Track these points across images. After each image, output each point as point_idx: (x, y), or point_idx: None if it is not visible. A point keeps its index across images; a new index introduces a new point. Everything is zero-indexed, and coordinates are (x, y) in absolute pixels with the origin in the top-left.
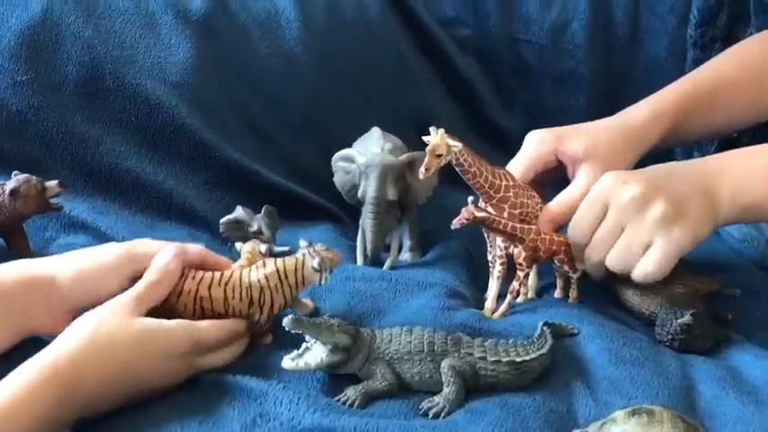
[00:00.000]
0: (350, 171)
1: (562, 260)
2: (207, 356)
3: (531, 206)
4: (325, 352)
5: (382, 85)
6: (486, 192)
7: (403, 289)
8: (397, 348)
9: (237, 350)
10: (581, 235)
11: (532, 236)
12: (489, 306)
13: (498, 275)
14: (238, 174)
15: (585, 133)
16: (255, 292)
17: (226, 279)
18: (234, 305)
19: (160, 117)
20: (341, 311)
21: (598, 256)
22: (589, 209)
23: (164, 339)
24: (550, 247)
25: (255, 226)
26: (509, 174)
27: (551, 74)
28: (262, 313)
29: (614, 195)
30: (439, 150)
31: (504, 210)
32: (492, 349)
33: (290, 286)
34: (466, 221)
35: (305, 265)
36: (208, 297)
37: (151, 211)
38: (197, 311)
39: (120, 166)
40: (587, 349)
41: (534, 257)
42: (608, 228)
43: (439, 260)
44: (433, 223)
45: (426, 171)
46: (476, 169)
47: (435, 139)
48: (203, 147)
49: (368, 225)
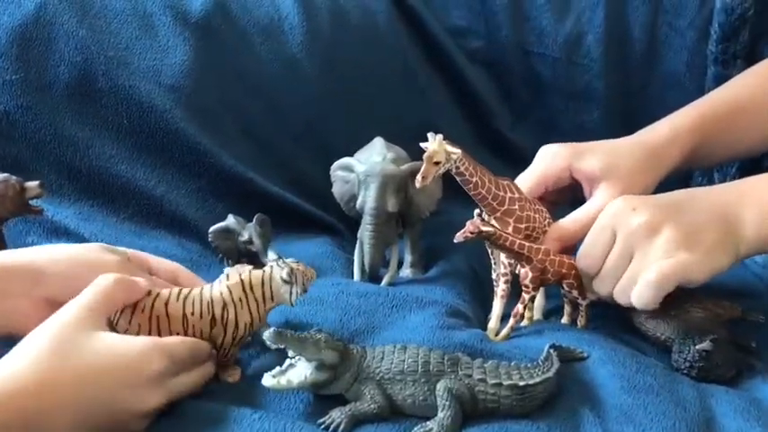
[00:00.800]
0: (349, 180)
1: (571, 285)
2: (180, 377)
3: (539, 221)
4: (310, 369)
5: (388, 94)
6: (488, 204)
7: (400, 305)
8: (389, 367)
9: (207, 372)
10: (591, 264)
11: (541, 256)
12: (492, 327)
13: (502, 294)
14: (233, 181)
15: (603, 151)
16: (217, 307)
17: (185, 294)
18: (194, 323)
19: (153, 120)
20: (332, 327)
21: (606, 288)
22: (598, 236)
23: (135, 358)
24: (560, 269)
25: (246, 235)
26: (514, 185)
27: (564, 88)
28: (225, 334)
29: (622, 223)
30: (437, 157)
31: (509, 224)
32: (493, 371)
33: (257, 301)
34: (471, 236)
35: (273, 276)
36: (164, 315)
37: (140, 219)
38: (152, 334)
39: (109, 170)
40: (597, 375)
41: (542, 280)
42: (615, 258)
43: (441, 277)
44: (437, 238)
45: (423, 179)
46: (477, 179)
47: (433, 145)
48: (197, 152)
49: (366, 238)
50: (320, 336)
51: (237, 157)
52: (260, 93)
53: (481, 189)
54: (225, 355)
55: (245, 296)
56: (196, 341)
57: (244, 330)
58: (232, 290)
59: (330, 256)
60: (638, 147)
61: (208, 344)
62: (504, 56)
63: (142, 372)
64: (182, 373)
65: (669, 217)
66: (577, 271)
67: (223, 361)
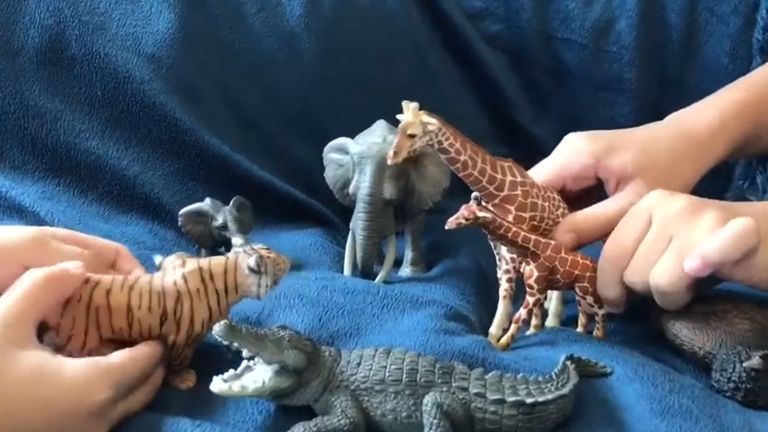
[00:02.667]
0: (343, 164)
1: (585, 289)
2: (125, 402)
3: (549, 211)
4: (270, 374)
5: (394, 79)
6: (484, 188)
7: (391, 305)
8: (367, 375)
9: (156, 383)
10: (621, 254)
11: (550, 252)
12: (493, 332)
13: (504, 295)
14: (216, 163)
15: (638, 144)
16: (170, 299)
17: (131, 283)
18: (140, 318)
19: (130, 93)
20: (309, 327)
21: (641, 275)
22: (632, 222)
23: (73, 388)
24: (571, 270)
25: (221, 219)
26: (516, 167)
27: (592, 78)
28: (178, 332)
29: (660, 207)
30: (411, 129)
31: (510, 212)
32: (494, 384)
33: (218, 293)
34: (464, 222)
35: (237, 265)
36: (105, 307)
37: (110, 201)
38: (89, 329)
39: (78, 146)
40: (622, 394)
41: (549, 281)
42: (651, 241)
43: (443, 275)
44: (441, 234)
45: (395, 155)
46: (466, 158)
47: (407, 114)
48: (177, 129)
49: (359, 228)
50: (284, 333)
51: (222, 136)
52: (250, 68)
53: (472, 170)
54: (177, 356)
55: (203, 287)
56: (146, 358)
57: (201, 328)
58: (188, 279)
59: (319, 249)
60: (678, 138)
61: (159, 350)
62: (525, 41)
63: (82, 405)
64: (128, 396)
65: (711, 203)
66: (594, 274)
67: (174, 364)
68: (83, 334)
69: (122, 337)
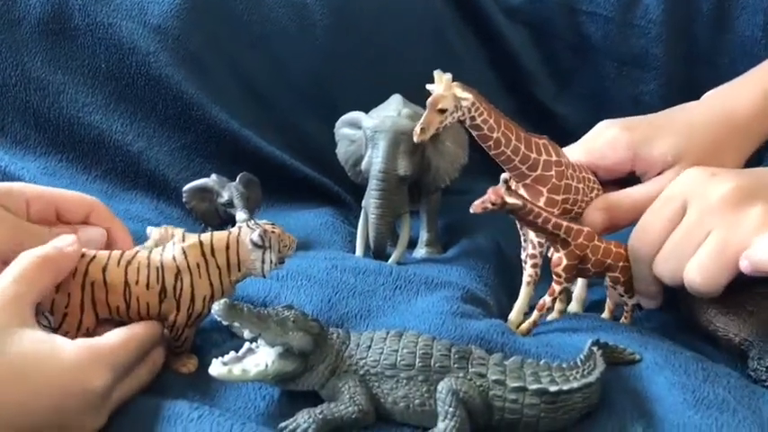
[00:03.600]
0: (355, 140)
1: (617, 279)
2: (123, 385)
3: (583, 193)
4: (273, 357)
5: (410, 52)
6: (515, 167)
7: (405, 286)
8: (377, 359)
9: (155, 364)
10: (649, 242)
11: (581, 240)
12: (512, 319)
13: (528, 281)
14: (224, 139)
15: (676, 131)
16: (169, 274)
17: (128, 258)
18: (138, 295)
19: (135, 65)
20: (317, 309)
21: (670, 268)
22: (663, 207)
23: (70, 372)
24: (603, 259)
25: (226, 196)
26: (552, 145)
27: (617, 54)
28: (178, 311)
29: (698, 192)
30: (442, 103)
31: (542, 194)
32: (515, 371)
33: (219, 269)
34: (491, 206)
35: (240, 239)
36: (101, 283)
37: (114, 178)
38: (85, 306)
39: (82, 120)
40: (652, 383)
41: (579, 270)
42: (685, 231)
43: (459, 257)
44: (459, 214)
45: (422, 132)
46: (499, 135)
47: (438, 87)
48: (183, 103)
49: (371, 206)
50: (288, 313)
51: (230, 111)
52: (260, 40)
53: (505, 148)
54: (177, 337)
55: (204, 262)
56: (144, 336)
57: (201, 306)
58: (188, 253)
59: (330, 229)
60: (719, 121)
61: (158, 329)
62: (547, 15)
63: (80, 389)
64: (126, 378)
65: (758, 190)
66: (627, 263)
67: (175, 346)
68: (78, 312)
69: (120, 317)
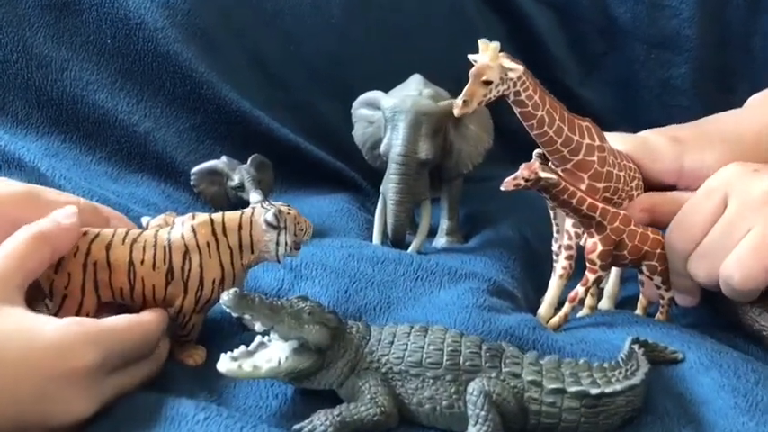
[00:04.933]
0: (373, 121)
1: (653, 269)
2: (119, 374)
3: (624, 183)
4: (288, 352)
5: (430, 33)
6: (556, 150)
7: (427, 277)
8: (401, 356)
9: (159, 357)
10: (687, 237)
11: (618, 224)
12: (543, 313)
13: (562, 273)
14: (235, 120)
15: (724, 141)
16: (177, 254)
17: (134, 236)
18: (143, 275)
19: (142, 41)
20: (333, 300)
21: (705, 265)
22: (702, 201)
23: (57, 346)
24: (640, 245)
25: (237, 179)
26: (595, 129)
27: (647, 36)
28: (186, 294)
29: (739, 187)
30: (488, 74)
31: (582, 180)
32: (552, 371)
33: (231, 249)
34: (524, 183)
35: (254, 219)
36: (105, 262)
37: (119, 160)
38: (86, 288)
39: (86, 99)
40: (698, 385)
41: (614, 257)
42: (724, 226)
43: (483, 246)
44: (482, 202)
45: (464, 104)
46: (543, 113)
47: (485, 56)
48: (192, 82)
49: (390, 192)
50: (304, 305)
51: (242, 90)
52: (273, 17)
53: (548, 128)
54: (184, 325)
55: (214, 241)
56: (146, 325)
57: (211, 291)
58: (197, 231)
59: (346, 216)
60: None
61: (162, 319)
62: None
63: (62, 367)
64: (123, 369)
65: None
66: (665, 251)
67: (182, 335)
68: (79, 294)
69: (123, 299)
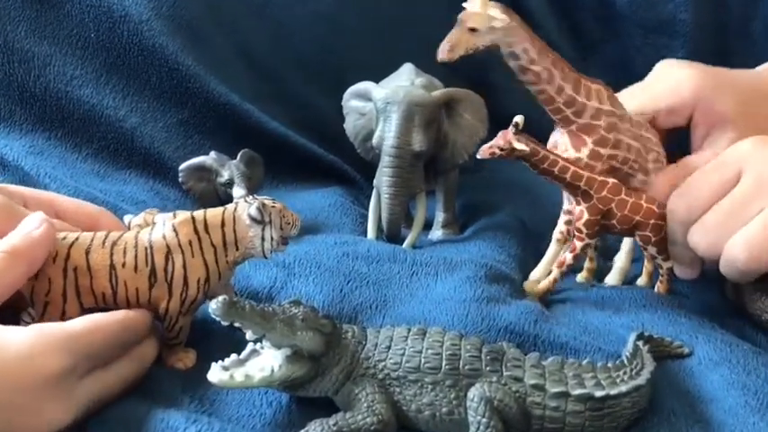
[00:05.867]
0: (365, 112)
1: (647, 239)
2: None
3: (637, 153)
4: (281, 360)
5: (423, 19)
6: (559, 110)
7: (422, 271)
8: (398, 361)
9: (144, 359)
10: (691, 205)
11: (605, 193)
12: (533, 276)
13: (559, 237)
14: (223, 114)
15: (742, 88)
16: (159, 254)
17: (114, 238)
18: (126, 278)
19: (126, 34)
20: (328, 300)
21: (709, 239)
22: (713, 171)
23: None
24: (631, 215)
25: (226, 175)
26: (608, 92)
27: (644, 21)
28: (171, 296)
29: (756, 161)
30: (473, 21)
31: (585, 144)
32: (555, 373)
33: (214, 247)
34: (499, 152)
35: (237, 215)
36: (85, 267)
37: (106, 156)
38: (68, 294)
39: (71, 95)
40: (706, 381)
41: (603, 226)
42: (737, 201)
43: (479, 232)
44: (477, 193)
45: (450, 50)
46: (541, 69)
47: (473, 3)
48: (179, 75)
49: (384, 185)
50: (296, 310)
51: (230, 83)
52: (262, 6)
53: (547, 85)
54: (171, 327)
55: (197, 239)
56: (119, 323)
57: (196, 291)
58: (179, 230)
59: (339, 210)
60: None
61: (142, 317)
62: None
63: (31, 376)
64: (99, 371)
65: None
66: (659, 221)
67: (169, 338)
68: (60, 301)
69: (107, 305)
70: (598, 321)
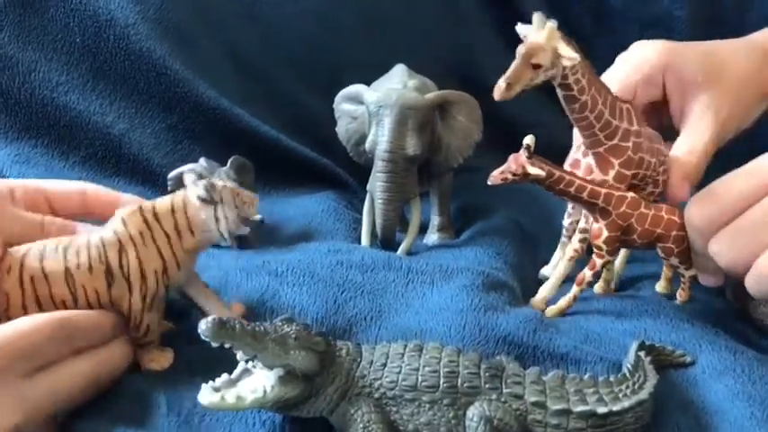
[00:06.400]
0: (357, 116)
1: (669, 250)
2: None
3: (653, 168)
4: (273, 380)
5: (416, 17)
6: (593, 134)
7: (418, 280)
8: (395, 380)
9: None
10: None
11: (624, 208)
12: (542, 295)
13: (573, 255)
14: (213, 118)
15: (708, 51)
16: (112, 250)
17: (66, 242)
18: (83, 282)
19: (112, 38)
20: (320, 311)
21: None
22: (741, 178)
23: None
24: (652, 228)
25: None
26: (636, 113)
27: (638, 16)
28: (131, 292)
29: None
30: (539, 57)
31: (612, 167)
32: (556, 389)
33: (167, 236)
34: (512, 177)
35: (186, 199)
36: (40, 273)
37: (94, 164)
38: (27, 305)
39: (56, 101)
40: (710, 392)
41: (623, 241)
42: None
43: (475, 237)
44: (472, 194)
45: (508, 87)
46: (588, 98)
47: (539, 34)
48: (167, 80)
49: (378, 191)
50: (289, 329)
51: (219, 87)
52: (250, 6)
53: (589, 113)
54: (138, 326)
55: (147, 229)
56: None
57: (155, 283)
58: (128, 222)
59: (332, 216)
60: (748, 47)
61: (97, 317)
62: None
63: None
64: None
65: None
66: (681, 231)
67: (138, 338)
68: (21, 314)
69: None
70: (599, 328)
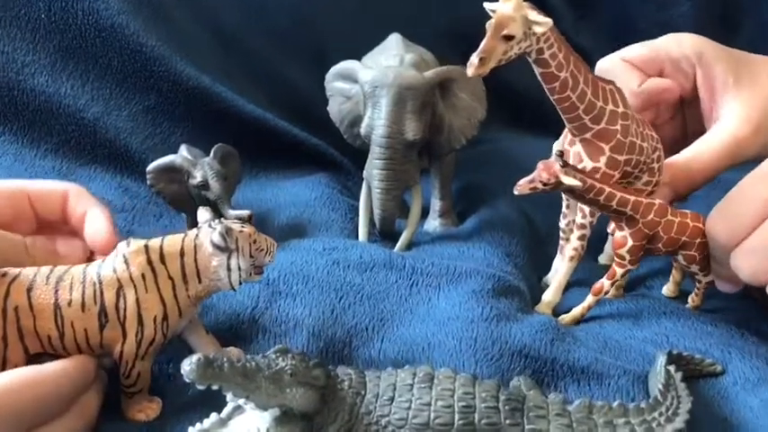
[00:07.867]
0: (351, 96)
1: (691, 258)
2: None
3: (646, 153)
4: (269, 421)
5: None
6: (577, 117)
7: (423, 282)
8: (404, 416)
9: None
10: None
11: (652, 216)
12: (548, 299)
13: (572, 255)
14: (194, 98)
15: (743, 60)
16: (109, 290)
17: (59, 274)
18: (73, 319)
19: (81, 13)
20: (317, 322)
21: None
22: (758, 185)
23: None
24: (677, 236)
25: (199, 176)
26: (619, 93)
27: None
28: (125, 339)
29: None
30: (510, 28)
31: (603, 153)
32: (583, 422)
33: (173, 281)
34: (543, 187)
35: (198, 243)
36: (26, 306)
37: (67, 152)
38: (9, 338)
39: (23, 84)
40: (745, 407)
41: (648, 249)
42: None
43: (481, 230)
44: (475, 169)
45: (481, 63)
46: (567, 75)
47: (507, 5)
48: (143, 58)
49: (375, 178)
50: (284, 363)
51: (199, 63)
52: None
53: (571, 92)
54: (128, 374)
55: (151, 272)
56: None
57: (153, 331)
58: (131, 262)
59: (327, 204)
60: None
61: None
62: None
63: None
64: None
65: None
66: (704, 239)
67: (127, 386)
68: (1, 345)
69: (54, 349)
70: (618, 336)
